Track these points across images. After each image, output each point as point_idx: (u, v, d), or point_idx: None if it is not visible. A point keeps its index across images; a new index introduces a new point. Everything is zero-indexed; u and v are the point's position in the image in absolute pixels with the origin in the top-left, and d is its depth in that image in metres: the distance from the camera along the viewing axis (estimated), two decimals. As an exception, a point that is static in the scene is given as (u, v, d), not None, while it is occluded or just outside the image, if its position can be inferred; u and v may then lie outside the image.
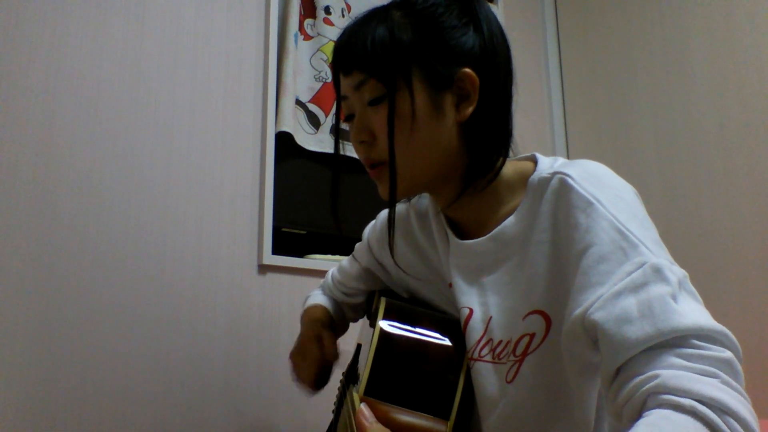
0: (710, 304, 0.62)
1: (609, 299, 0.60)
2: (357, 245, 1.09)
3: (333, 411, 1.11)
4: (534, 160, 0.79)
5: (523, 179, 0.77)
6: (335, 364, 0.98)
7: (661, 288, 0.59)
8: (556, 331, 0.70)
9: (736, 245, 1.83)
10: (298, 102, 1.68)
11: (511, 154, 0.81)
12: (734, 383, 0.53)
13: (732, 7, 1.93)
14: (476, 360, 0.77)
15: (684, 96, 2.03)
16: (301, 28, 1.73)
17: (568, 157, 2.30)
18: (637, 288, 0.59)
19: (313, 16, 1.77)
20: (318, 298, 1.12)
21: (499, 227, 0.77)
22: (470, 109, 0.76)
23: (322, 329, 1.00)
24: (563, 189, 0.70)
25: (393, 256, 0.92)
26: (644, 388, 0.55)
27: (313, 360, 0.97)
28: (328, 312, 1.09)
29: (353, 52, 0.77)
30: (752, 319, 1.76)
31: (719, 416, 0.50)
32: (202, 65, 1.51)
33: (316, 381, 0.98)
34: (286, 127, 1.61)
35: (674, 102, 2.05)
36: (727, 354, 0.55)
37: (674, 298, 0.58)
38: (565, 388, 0.72)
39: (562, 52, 2.45)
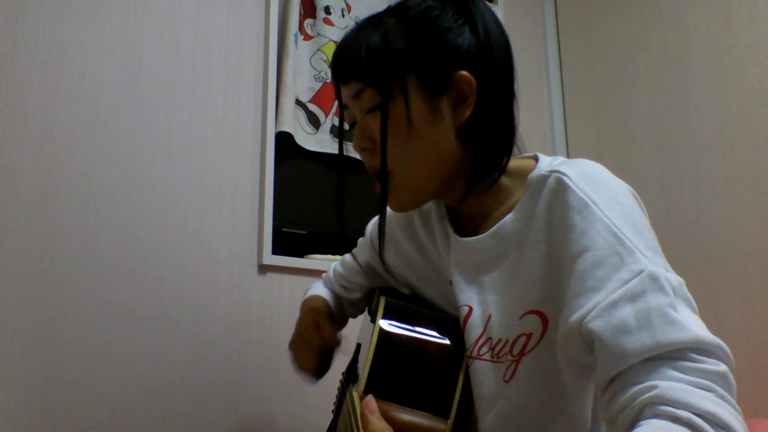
0: (710, 304, 0.63)
1: (606, 308, 0.60)
2: (360, 240, 1.09)
3: (333, 411, 1.11)
4: (536, 159, 0.80)
5: (524, 176, 0.77)
6: (336, 350, 0.98)
7: (658, 298, 0.59)
8: (552, 331, 0.70)
9: (736, 245, 1.83)
10: (298, 102, 1.68)
11: (518, 151, 0.81)
12: (729, 397, 0.54)
13: (732, 7, 1.93)
14: (475, 358, 0.77)
15: (684, 96, 2.03)
16: (301, 28, 1.73)
17: (568, 157, 2.30)
18: (634, 297, 0.59)
19: (313, 16, 1.77)
20: (318, 290, 1.13)
21: (498, 224, 0.77)
22: (468, 112, 0.76)
23: (320, 317, 1.01)
24: (560, 188, 0.70)
25: (382, 261, 0.92)
26: (642, 398, 0.55)
27: (313, 347, 0.97)
28: (328, 303, 1.09)
29: (349, 62, 0.77)
30: (752, 319, 1.75)
31: (715, 430, 0.51)
32: (202, 65, 1.51)
33: (318, 368, 0.98)
34: (286, 127, 1.61)
35: (674, 102, 2.05)
36: (723, 367, 0.56)
37: (672, 308, 0.58)
38: (563, 387, 0.72)
39: (562, 52, 2.45)
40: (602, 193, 0.67)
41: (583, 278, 0.63)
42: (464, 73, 0.75)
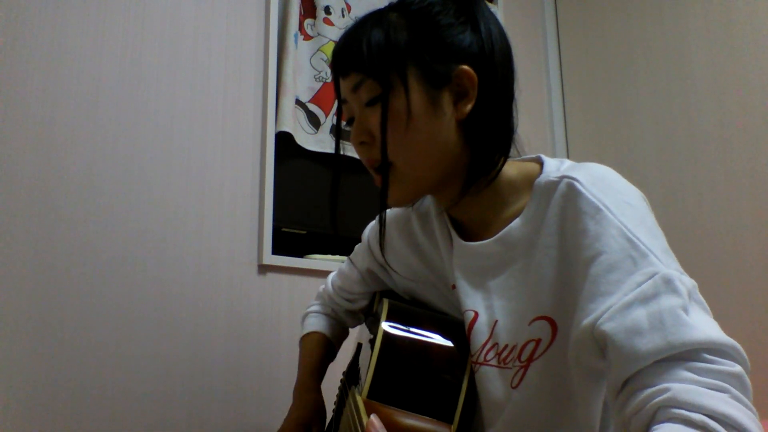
0: (710, 305, 0.62)
1: (619, 310, 0.59)
2: (356, 247, 1.08)
3: (333, 410, 1.11)
4: (539, 162, 0.79)
5: (529, 181, 0.77)
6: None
7: (671, 300, 0.58)
8: (562, 337, 0.70)
9: (737, 245, 1.83)
10: (298, 102, 1.68)
11: (516, 153, 0.80)
12: (744, 398, 0.53)
13: (732, 8, 1.93)
14: (481, 364, 0.77)
15: (684, 96, 2.03)
16: (301, 28, 1.72)
17: (567, 157, 2.30)
18: (647, 299, 0.59)
19: (313, 16, 1.76)
20: (315, 323, 1.12)
21: (505, 229, 0.76)
22: (469, 107, 0.75)
23: (314, 416, 0.99)
24: (571, 194, 0.69)
25: (384, 257, 0.91)
26: (654, 401, 0.54)
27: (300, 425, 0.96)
28: (326, 339, 1.09)
29: (350, 55, 0.77)
30: (752, 319, 1.76)
31: None
32: (202, 65, 1.51)
33: None
34: (286, 127, 1.60)
35: (674, 102, 2.05)
36: (737, 368, 0.55)
37: (685, 310, 0.58)
38: (571, 393, 0.71)
39: (562, 52, 2.44)
40: (614, 197, 0.67)
41: (597, 282, 0.63)
42: (465, 67, 0.75)
